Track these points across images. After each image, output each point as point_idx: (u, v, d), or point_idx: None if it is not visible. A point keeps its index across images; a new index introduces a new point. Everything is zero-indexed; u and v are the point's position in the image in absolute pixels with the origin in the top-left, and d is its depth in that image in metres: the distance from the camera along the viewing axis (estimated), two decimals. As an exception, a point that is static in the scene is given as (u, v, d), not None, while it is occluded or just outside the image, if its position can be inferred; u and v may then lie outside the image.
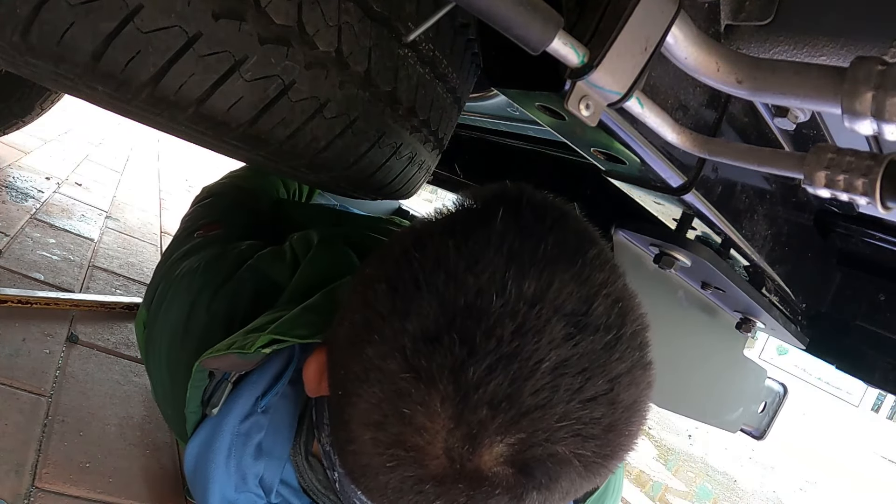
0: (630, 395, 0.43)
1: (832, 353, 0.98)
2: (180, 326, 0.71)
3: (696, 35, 0.42)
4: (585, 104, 0.41)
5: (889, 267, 0.91)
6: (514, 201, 0.47)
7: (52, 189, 2.05)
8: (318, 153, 0.59)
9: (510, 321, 0.39)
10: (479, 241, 0.43)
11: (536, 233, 0.44)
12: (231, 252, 0.79)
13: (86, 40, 0.40)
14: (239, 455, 0.62)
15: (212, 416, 0.63)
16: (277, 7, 0.46)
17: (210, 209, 0.97)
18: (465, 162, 1.63)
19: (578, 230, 0.47)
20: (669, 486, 2.99)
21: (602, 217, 1.34)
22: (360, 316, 0.46)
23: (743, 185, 0.67)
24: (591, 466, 0.42)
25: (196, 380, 0.64)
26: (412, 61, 0.60)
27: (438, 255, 0.43)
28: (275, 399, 0.64)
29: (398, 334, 0.41)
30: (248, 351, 0.59)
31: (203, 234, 0.86)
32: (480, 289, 0.40)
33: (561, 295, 0.41)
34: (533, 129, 1.19)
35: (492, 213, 0.45)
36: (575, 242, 0.45)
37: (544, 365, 0.39)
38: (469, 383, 0.38)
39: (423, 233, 0.47)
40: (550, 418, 0.39)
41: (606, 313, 0.42)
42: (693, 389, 0.94)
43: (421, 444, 0.40)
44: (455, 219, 0.48)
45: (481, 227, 0.44)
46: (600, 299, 0.42)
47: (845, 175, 0.39)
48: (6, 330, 1.05)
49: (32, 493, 0.75)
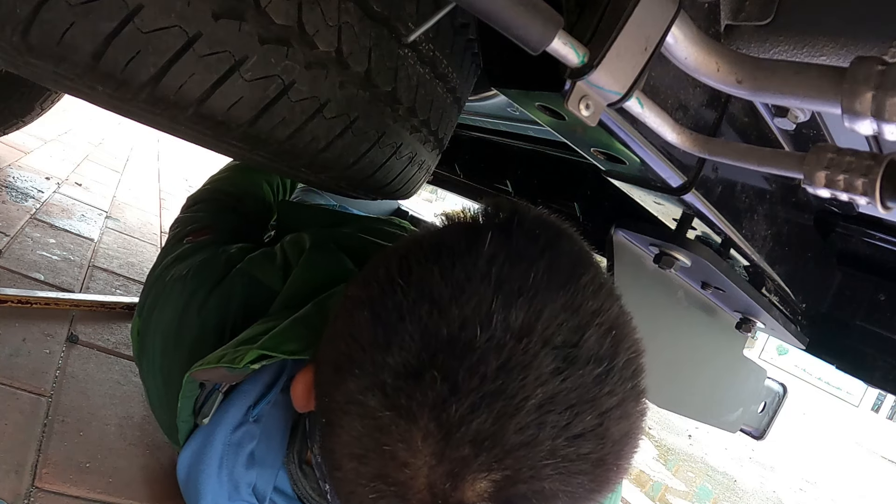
0: (621, 429, 0.41)
1: (832, 353, 0.97)
2: (172, 332, 0.71)
3: (696, 35, 0.42)
4: (585, 104, 0.41)
5: (889, 267, 0.91)
6: (505, 221, 0.45)
7: (52, 189, 2.05)
8: (318, 153, 0.59)
9: (495, 357, 0.38)
10: (466, 268, 0.41)
11: (527, 257, 0.42)
12: (220, 256, 0.79)
13: (86, 40, 0.40)
14: (231, 464, 0.62)
15: (203, 425, 0.63)
16: (277, 7, 0.46)
17: (197, 215, 0.97)
18: (465, 162, 1.63)
19: (572, 253, 0.45)
20: (669, 486, 2.99)
21: (602, 217, 1.34)
22: (343, 343, 0.45)
23: (743, 185, 0.67)
24: (578, 500, 0.41)
25: (187, 390, 0.64)
26: (412, 61, 0.60)
27: (423, 283, 0.41)
28: (267, 408, 0.64)
29: (379, 369, 0.40)
30: (237, 366, 0.59)
31: (192, 240, 0.86)
32: (465, 321, 0.39)
33: (550, 326, 0.39)
34: (533, 129, 1.19)
35: (481, 234, 0.43)
36: (568, 267, 0.43)
37: (530, 402, 0.38)
38: (451, 421, 0.37)
39: (409, 256, 0.45)
40: (536, 456, 0.38)
41: (598, 344, 0.41)
42: (693, 389, 0.94)
43: (403, 479, 0.40)
44: (443, 241, 0.45)
45: (469, 252, 0.42)
46: (592, 329, 0.41)
47: (845, 175, 0.39)
48: (6, 330, 1.05)
49: (32, 493, 0.75)
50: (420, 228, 0.49)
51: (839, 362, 0.97)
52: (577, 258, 0.45)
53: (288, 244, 0.84)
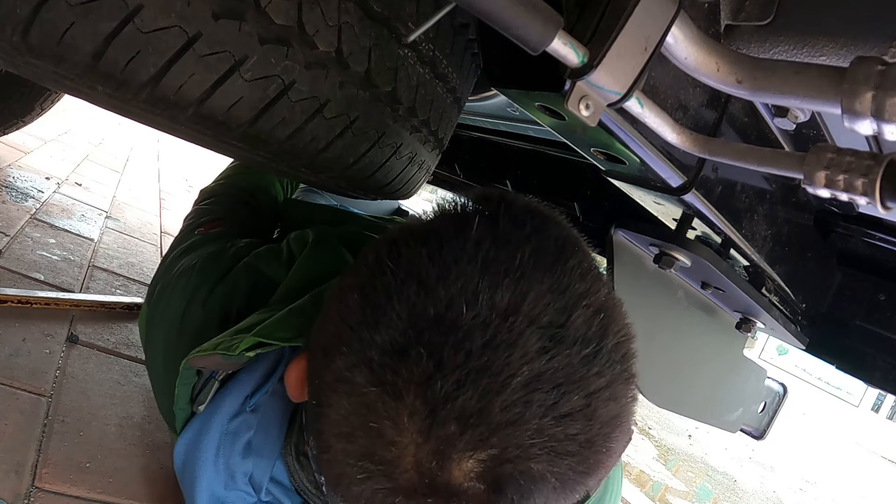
0: (609, 411, 0.41)
1: (832, 353, 0.97)
2: (177, 322, 0.72)
3: (696, 35, 0.42)
4: (585, 104, 0.41)
5: (889, 267, 0.91)
6: (493, 208, 0.46)
7: (52, 189, 2.05)
8: (318, 153, 0.59)
9: (480, 334, 0.38)
10: (454, 250, 0.42)
11: (514, 240, 0.43)
12: (228, 250, 0.80)
13: (86, 40, 0.40)
14: (227, 453, 0.62)
15: (200, 413, 0.64)
16: (277, 7, 0.46)
17: (211, 208, 0.99)
18: (465, 162, 1.63)
19: (560, 237, 0.45)
20: (669, 486, 2.99)
21: (602, 217, 1.34)
22: (332, 326, 0.45)
23: (743, 185, 0.67)
24: (567, 483, 0.41)
25: (184, 377, 0.64)
26: (412, 61, 0.60)
27: (411, 265, 0.42)
28: (264, 398, 0.64)
29: (366, 346, 0.41)
30: (233, 353, 0.59)
31: (203, 232, 0.87)
32: (451, 300, 0.39)
33: (537, 306, 0.40)
34: (533, 129, 1.19)
35: (469, 221, 0.44)
36: (554, 250, 0.43)
37: (516, 380, 0.38)
38: (437, 398, 0.38)
39: (398, 241, 0.45)
40: (522, 434, 0.38)
41: (586, 325, 0.41)
42: (693, 389, 0.94)
43: (389, 457, 0.40)
44: (432, 227, 0.46)
45: (457, 236, 0.43)
46: (580, 310, 0.41)
47: (845, 175, 0.39)
48: (6, 330, 1.05)
49: (32, 493, 0.75)
50: (409, 218, 0.49)
51: (839, 362, 0.97)
52: (564, 242, 0.45)
53: (293, 240, 0.85)
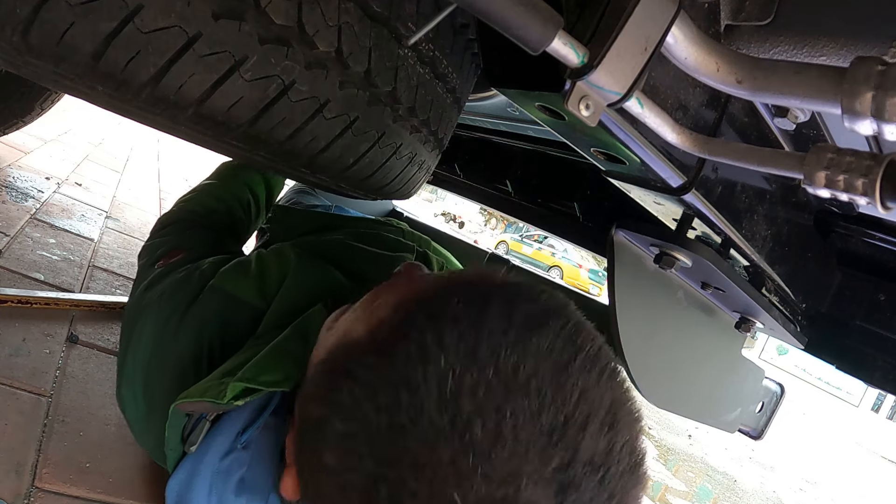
0: None
1: (832, 353, 0.98)
2: (152, 361, 0.70)
3: (696, 35, 0.42)
4: (585, 104, 0.41)
5: (889, 267, 0.91)
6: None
7: (52, 189, 2.05)
8: (318, 153, 0.59)
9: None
10: (430, 395, 0.41)
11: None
12: (193, 274, 0.77)
13: (86, 40, 0.40)
14: (220, 492, 0.61)
15: (191, 453, 0.63)
16: (277, 7, 0.46)
17: (166, 238, 0.94)
18: (465, 162, 1.63)
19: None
20: (669, 486, 2.98)
21: (602, 217, 1.34)
22: (316, 463, 0.48)
23: (743, 185, 0.67)
24: None
25: (173, 421, 0.63)
26: (412, 61, 0.60)
27: (388, 412, 0.42)
28: (256, 433, 0.64)
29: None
30: (221, 402, 0.58)
31: (164, 264, 0.83)
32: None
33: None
34: (533, 129, 1.19)
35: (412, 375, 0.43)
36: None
37: None
38: None
39: (345, 402, 0.46)
40: None
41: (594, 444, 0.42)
42: (692, 389, 0.94)
43: None
44: (406, 368, 0.44)
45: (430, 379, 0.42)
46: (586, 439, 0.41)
47: (845, 175, 0.39)
48: (6, 330, 1.05)
49: (32, 493, 0.75)
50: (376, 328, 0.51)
51: (839, 362, 0.97)
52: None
53: (267, 254, 0.83)
